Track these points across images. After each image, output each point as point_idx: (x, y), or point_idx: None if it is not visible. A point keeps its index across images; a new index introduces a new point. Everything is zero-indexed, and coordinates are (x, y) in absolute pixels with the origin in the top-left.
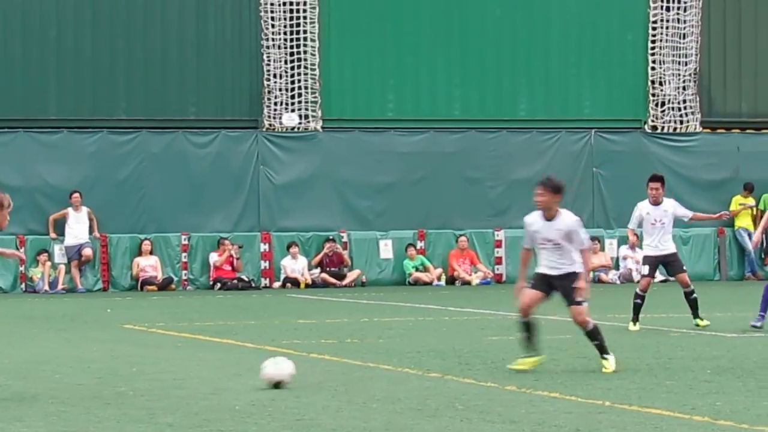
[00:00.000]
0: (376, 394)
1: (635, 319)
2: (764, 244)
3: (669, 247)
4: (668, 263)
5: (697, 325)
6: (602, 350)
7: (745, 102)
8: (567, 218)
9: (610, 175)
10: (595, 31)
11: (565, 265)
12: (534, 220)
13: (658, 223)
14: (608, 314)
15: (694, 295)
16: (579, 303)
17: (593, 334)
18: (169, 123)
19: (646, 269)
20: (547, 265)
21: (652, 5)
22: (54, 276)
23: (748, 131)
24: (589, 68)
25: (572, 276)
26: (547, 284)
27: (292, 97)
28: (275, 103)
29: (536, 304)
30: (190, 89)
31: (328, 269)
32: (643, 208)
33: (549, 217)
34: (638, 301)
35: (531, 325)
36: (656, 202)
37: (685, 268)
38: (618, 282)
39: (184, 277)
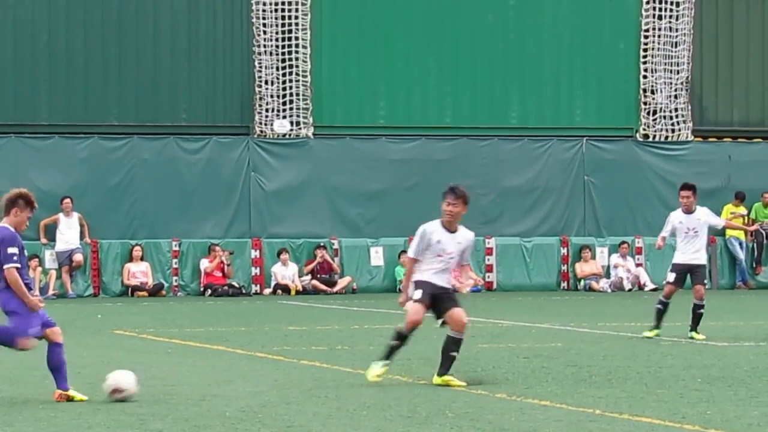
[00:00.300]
0: (366, 401)
1: (656, 326)
2: (755, 254)
3: (699, 257)
4: (693, 273)
5: (692, 338)
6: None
7: (737, 111)
8: (467, 233)
9: (601, 183)
10: (586, 39)
11: (448, 279)
12: (436, 229)
13: (691, 231)
14: (599, 322)
15: (702, 310)
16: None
17: (458, 345)
18: (161, 129)
19: (672, 276)
20: (438, 276)
21: (644, 13)
22: (45, 281)
23: (739, 140)
24: (581, 76)
25: (451, 290)
26: (431, 297)
27: (284, 103)
28: (266, 110)
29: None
30: (181, 95)
31: (318, 276)
32: (676, 217)
33: (452, 229)
34: (660, 306)
35: (408, 338)
36: (689, 211)
37: (705, 282)
38: (609, 290)
39: (175, 283)
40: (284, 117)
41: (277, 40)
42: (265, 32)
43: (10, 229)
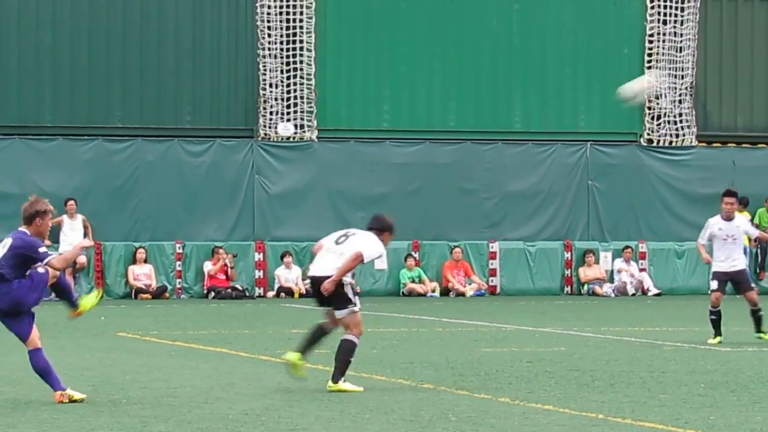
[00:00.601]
0: (369, 404)
1: (717, 333)
2: (759, 259)
3: (738, 264)
4: (737, 281)
5: (760, 338)
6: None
7: (741, 116)
8: None
9: (605, 188)
10: (591, 43)
11: None
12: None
13: (730, 238)
14: (602, 327)
15: (761, 312)
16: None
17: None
18: (165, 131)
19: (714, 284)
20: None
21: (648, 18)
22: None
23: (743, 145)
24: (585, 81)
25: None
26: None
27: (288, 106)
28: (271, 113)
29: None
30: (185, 98)
31: None
32: (715, 224)
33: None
34: (714, 317)
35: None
36: (729, 218)
37: (753, 285)
38: (612, 295)
39: (178, 286)
40: (288, 120)
41: (281, 43)
42: (269, 35)
43: (28, 234)
